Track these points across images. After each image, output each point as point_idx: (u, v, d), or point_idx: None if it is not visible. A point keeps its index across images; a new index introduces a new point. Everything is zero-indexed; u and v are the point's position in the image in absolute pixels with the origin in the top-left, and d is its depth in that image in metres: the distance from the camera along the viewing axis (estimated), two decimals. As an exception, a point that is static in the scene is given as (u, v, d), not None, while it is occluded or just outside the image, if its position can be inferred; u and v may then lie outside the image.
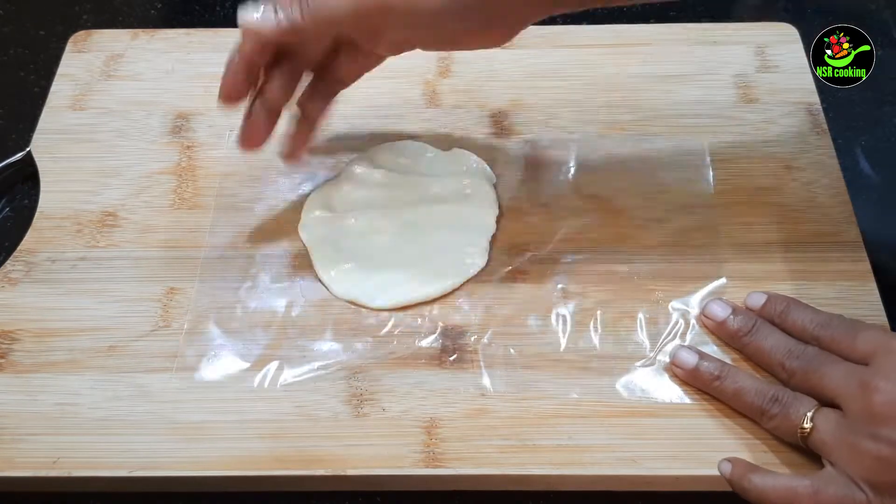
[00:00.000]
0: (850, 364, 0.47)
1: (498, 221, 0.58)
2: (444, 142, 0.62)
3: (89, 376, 0.52)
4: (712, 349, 0.52)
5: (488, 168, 0.61)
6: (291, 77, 0.54)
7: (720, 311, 0.52)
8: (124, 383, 0.52)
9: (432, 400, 0.51)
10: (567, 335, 0.53)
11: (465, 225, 0.57)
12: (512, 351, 0.53)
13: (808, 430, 0.46)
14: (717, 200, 0.59)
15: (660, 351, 0.52)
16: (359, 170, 0.60)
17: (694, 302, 0.54)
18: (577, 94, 0.65)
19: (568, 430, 0.50)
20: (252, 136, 0.54)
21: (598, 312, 0.54)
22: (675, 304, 0.54)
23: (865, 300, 0.54)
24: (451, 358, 0.52)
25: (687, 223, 0.58)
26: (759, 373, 0.51)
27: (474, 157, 0.61)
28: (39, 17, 0.75)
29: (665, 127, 0.63)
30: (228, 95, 0.53)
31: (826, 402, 0.47)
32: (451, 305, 0.55)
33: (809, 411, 0.46)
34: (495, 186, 0.60)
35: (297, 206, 0.59)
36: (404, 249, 0.57)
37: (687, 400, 0.51)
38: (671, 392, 0.51)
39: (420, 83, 0.66)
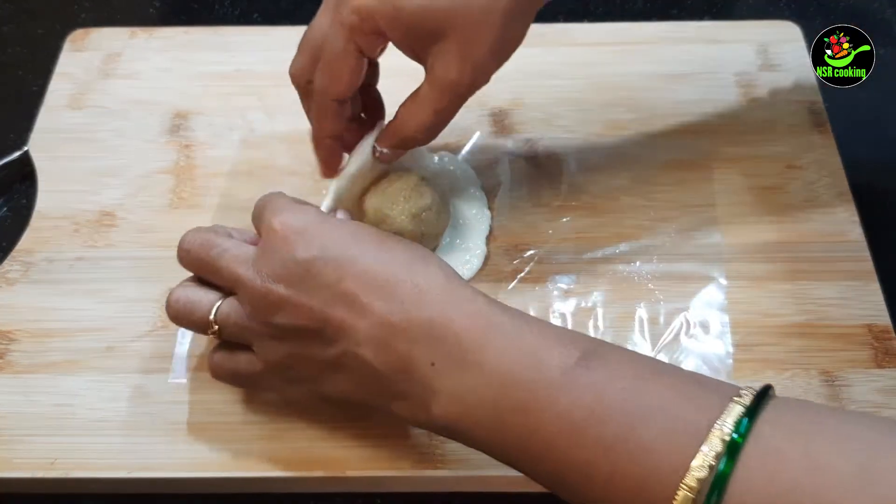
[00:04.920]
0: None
1: (491, 224, 0.58)
2: (444, 140, 0.62)
3: (87, 377, 0.52)
4: (716, 353, 0.52)
5: (473, 172, 0.60)
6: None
7: None
8: (122, 384, 0.51)
9: (432, 401, 0.51)
10: (568, 335, 0.53)
11: (461, 226, 0.57)
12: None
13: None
14: (718, 200, 0.59)
15: (660, 351, 0.52)
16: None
17: (694, 302, 0.54)
18: (578, 94, 0.64)
19: (569, 431, 0.49)
20: (332, 163, 0.54)
21: (599, 312, 0.54)
22: (675, 303, 0.54)
23: (869, 300, 0.54)
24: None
25: (687, 223, 0.58)
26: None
27: (459, 160, 0.61)
28: (37, 15, 0.74)
29: (666, 126, 0.63)
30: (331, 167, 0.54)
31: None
32: (452, 305, 0.55)
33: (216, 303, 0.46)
34: (483, 188, 0.59)
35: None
36: None
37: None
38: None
39: (420, 82, 0.65)
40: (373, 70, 0.54)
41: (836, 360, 0.52)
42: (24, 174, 0.63)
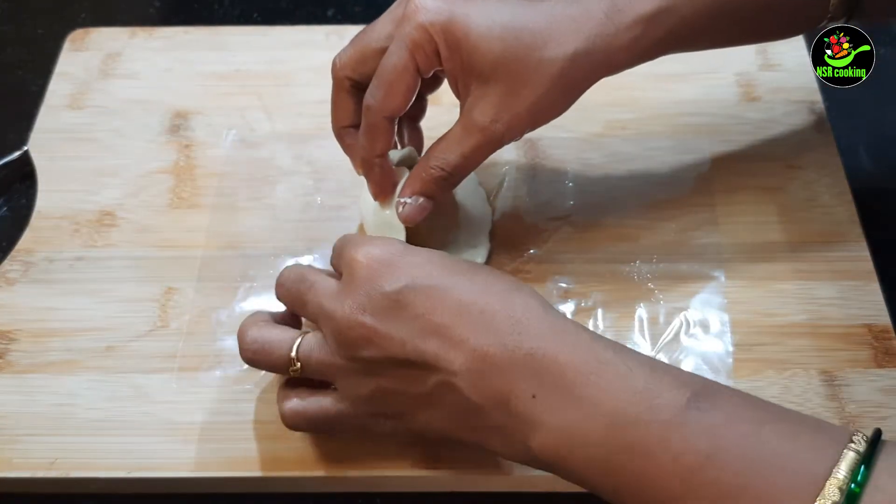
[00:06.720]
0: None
1: (493, 219, 0.58)
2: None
3: (87, 377, 0.52)
4: (716, 352, 0.52)
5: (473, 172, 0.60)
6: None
7: None
8: (122, 384, 0.51)
9: (432, 401, 0.51)
10: (568, 335, 0.53)
11: (464, 225, 0.57)
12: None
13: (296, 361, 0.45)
14: (718, 200, 0.59)
15: (659, 351, 0.52)
16: None
17: (694, 302, 0.54)
18: (578, 93, 0.64)
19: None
20: (385, 184, 0.52)
21: (599, 312, 0.54)
22: (674, 303, 0.54)
23: (868, 300, 0.54)
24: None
25: (687, 223, 0.58)
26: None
27: None
28: (37, 15, 0.74)
29: (666, 126, 0.62)
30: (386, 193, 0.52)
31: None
32: (451, 305, 0.55)
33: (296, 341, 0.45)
34: (483, 187, 0.59)
35: (296, 206, 0.59)
36: None
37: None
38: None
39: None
40: (419, 104, 0.55)
41: (836, 360, 0.52)
42: (24, 174, 0.62)
